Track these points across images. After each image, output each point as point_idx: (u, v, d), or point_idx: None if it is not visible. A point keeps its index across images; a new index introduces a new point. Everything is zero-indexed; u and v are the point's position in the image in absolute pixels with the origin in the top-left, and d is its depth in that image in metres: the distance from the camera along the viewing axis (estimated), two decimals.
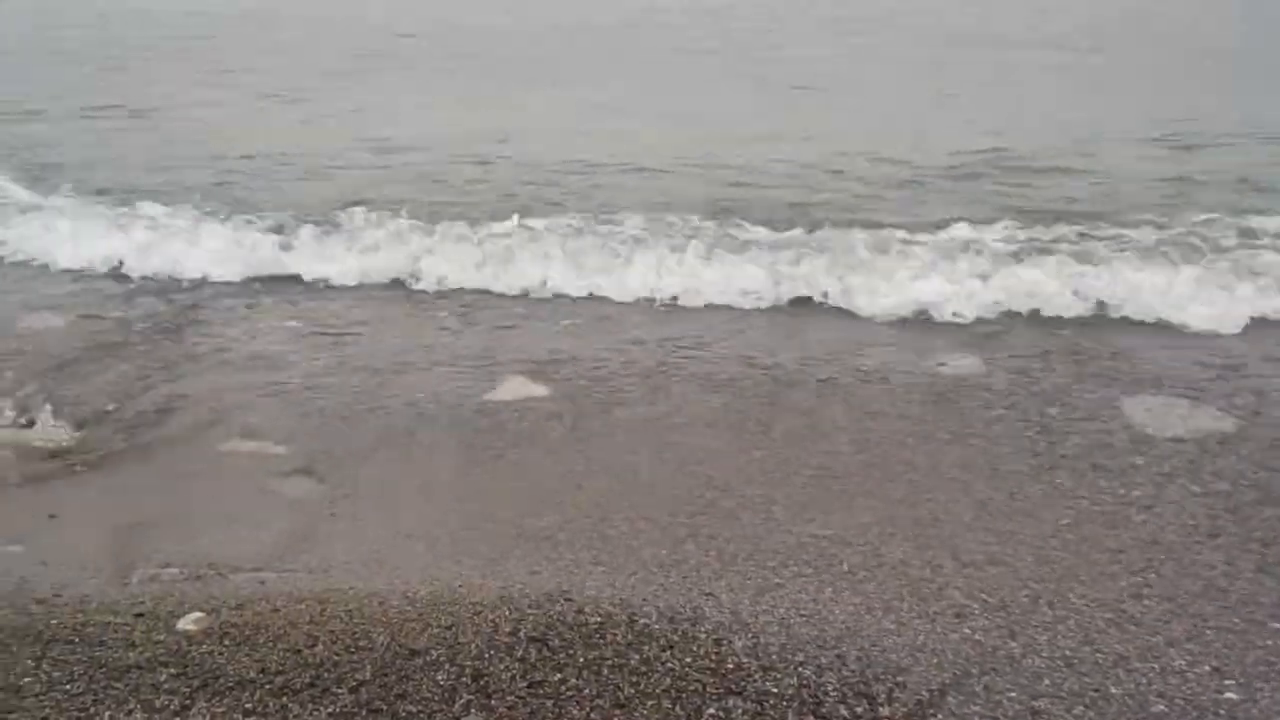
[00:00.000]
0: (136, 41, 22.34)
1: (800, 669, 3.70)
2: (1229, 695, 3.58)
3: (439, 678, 3.63)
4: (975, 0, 26.59)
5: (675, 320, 7.50)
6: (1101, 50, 19.35)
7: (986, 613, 4.06)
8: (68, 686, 3.60)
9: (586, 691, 3.56)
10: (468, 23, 24.66)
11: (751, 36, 21.71)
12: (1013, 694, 3.58)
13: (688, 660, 3.75)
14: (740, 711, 3.47)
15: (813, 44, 20.62)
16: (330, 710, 3.46)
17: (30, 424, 5.88)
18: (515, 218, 9.10)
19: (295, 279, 8.30)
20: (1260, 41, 20.74)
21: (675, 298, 7.71)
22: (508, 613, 4.04)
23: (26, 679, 3.64)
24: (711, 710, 3.48)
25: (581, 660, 3.73)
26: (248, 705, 3.49)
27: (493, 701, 3.51)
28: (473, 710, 3.47)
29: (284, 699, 3.52)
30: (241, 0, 28.74)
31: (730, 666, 3.71)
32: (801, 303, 7.78)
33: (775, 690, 3.59)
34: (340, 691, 3.56)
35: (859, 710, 3.49)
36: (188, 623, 3.98)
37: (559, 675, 3.65)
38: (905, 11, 24.37)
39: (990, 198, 10.17)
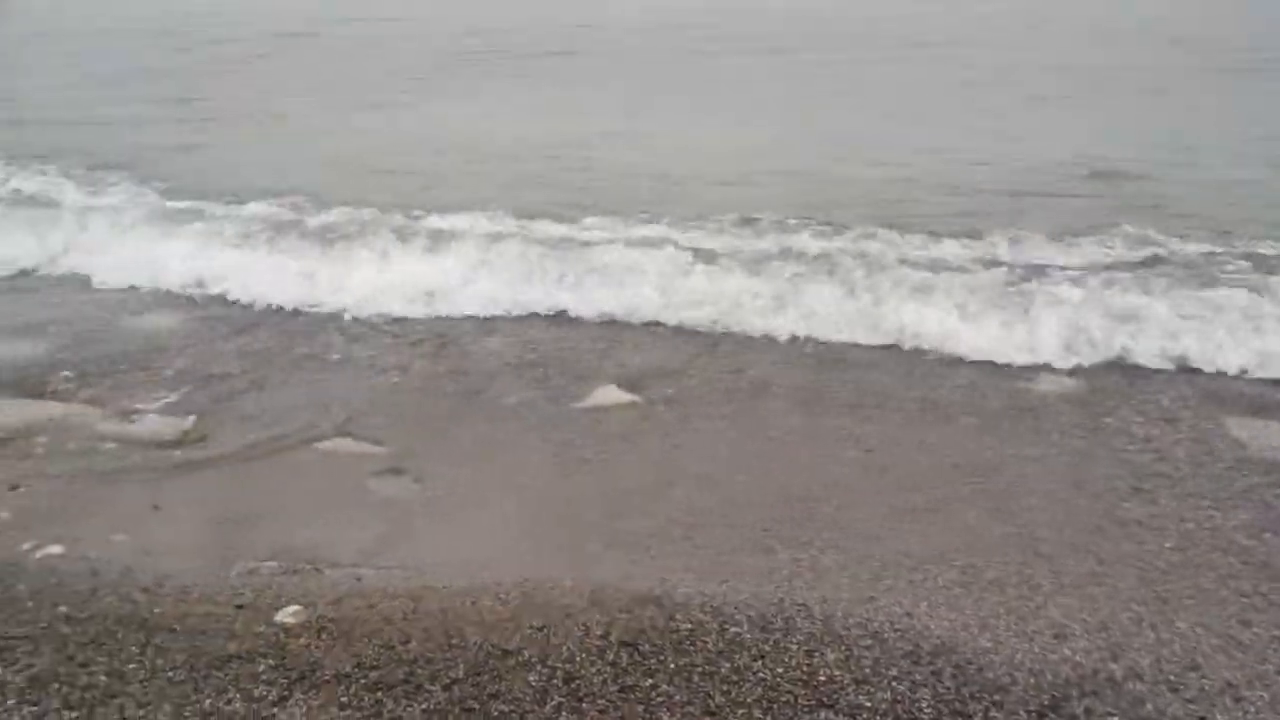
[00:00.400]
0: (220, 49, 22.83)
1: (894, 684, 3.65)
2: None
3: (531, 678, 3.65)
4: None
5: (766, 338, 7.39)
6: (1189, 59, 18.80)
7: (1087, 634, 3.97)
8: (170, 674, 3.68)
9: (677, 698, 3.55)
10: (553, 23, 24.85)
11: (834, 40, 21.54)
12: (1114, 718, 3.50)
13: (779, 671, 3.71)
14: None
15: (889, 50, 20.36)
16: (424, 707, 3.50)
17: (136, 418, 6.04)
18: (605, 231, 9.06)
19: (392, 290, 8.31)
20: None
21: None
22: (599, 616, 4.04)
23: (131, 665, 3.73)
24: None
25: (672, 666, 3.72)
26: (343, 699, 3.54)
27: (584, 704, 3.51)
28: (564, 712, 3.48)
29: (378, 694, 3.56)
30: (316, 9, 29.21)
31: (822, 679, 3.67)
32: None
33: (868, 704, 3.55)
34: (433, 689, 3.59)
35: None
36: (286, 615, 4.05)
37: (650, 680, 3.64)
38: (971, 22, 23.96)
39: (1093, 211, 9.84)
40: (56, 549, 4.63)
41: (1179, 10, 25.41)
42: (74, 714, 3.47)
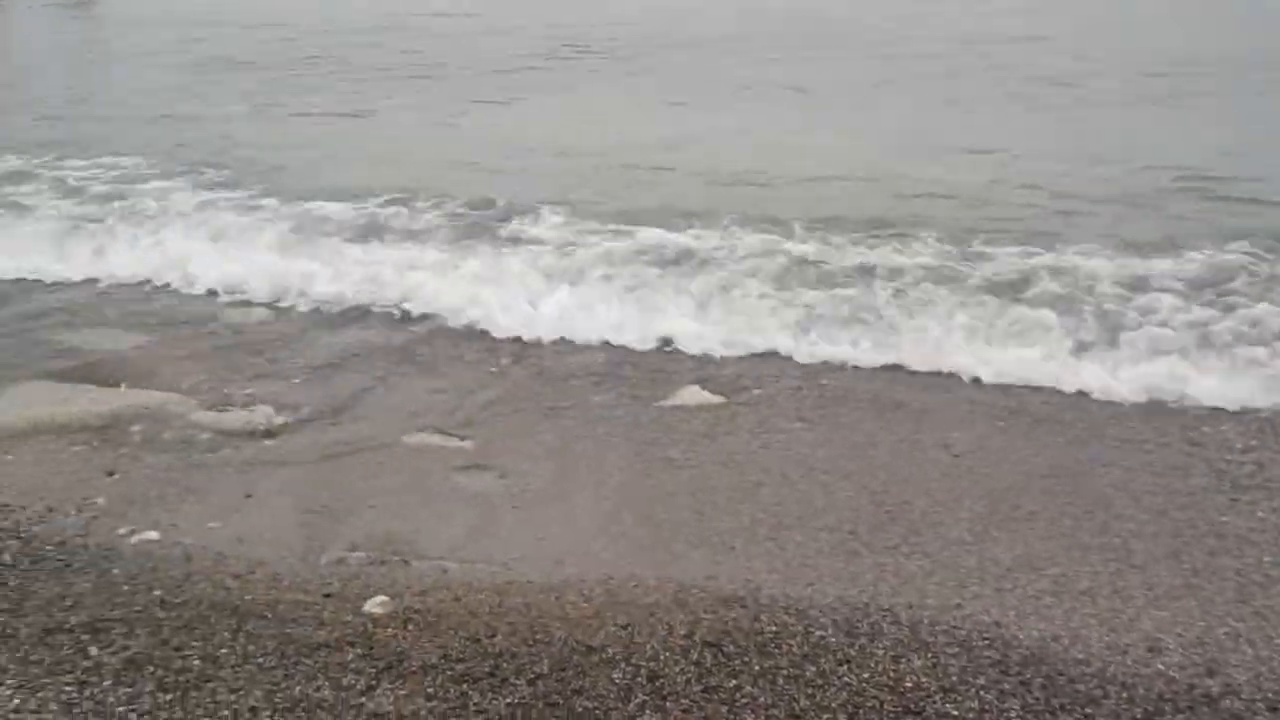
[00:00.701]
0: (307, 42, 23.02)
1: (982, 693, 3.60)
2: None
3: (615, 676, 3.65)
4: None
5: (852, 352, 7.22)
6: (1230, 58, 18.10)
7: (1182, 648, 3.88)
8: (261, 660, 3.74)
9: (762, 700, 3.53)
10: (649, 27, 24.82)
11: (885, 41, 21.21)
12: None
13: (865, 676, 3.68)
14: None
15: (938, 49, 19.95)
16: (509, 700, 3.52)
17: (229, 409, 6.17)
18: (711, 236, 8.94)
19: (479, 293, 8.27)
20: None
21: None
22: (683, 616, 4.04)
23: (223, 650, 3.80)
24: None
25: (757, 668, 3.70)
26: (429, 690, 3.57)
27: (667, 704, 3.51)
28: (648, 710, 3.48)
29: (464, 686, 3.59)
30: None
31: (909, 685, 3.63)
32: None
33: (955, 713, 3.50)
34: (518, 683, 3.61)
35: None
36: (373, 605, 4.10)
37: (734, 681, 3.63)
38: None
39: (1189, 219, 9.42)
40: (152, 534, 4.74)
41: (1189, 10, 24.67)
42: (168, 696, 3.54)
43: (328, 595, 4.22)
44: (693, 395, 6.33)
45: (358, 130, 14.45)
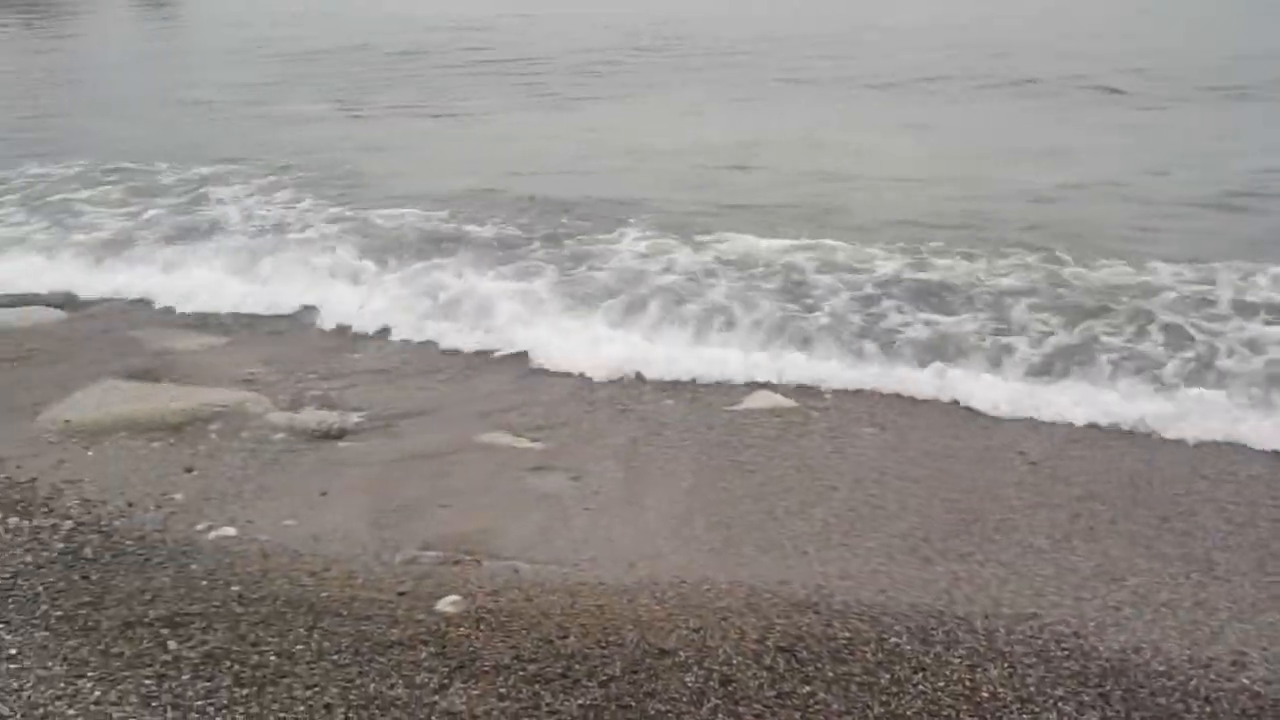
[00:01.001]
0: (390, 41, 23.24)
1: (1060, 704, 3.54)
2: None
3: (687, 679, 3.63)
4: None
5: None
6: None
7: (1266, 663, 3.79)
8: (336, 656, 3.77)
9: (835, 707, 3.50)
10: (717, 28, 24.78)
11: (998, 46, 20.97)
12: None
13: (940, 685, 3.63)
14: None
15: (1063, 49, 19.69)
16: (581, 702, 3.51)
17: (305, 409, 6.25)
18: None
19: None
20: None
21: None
22: (755, 620, 4.01)
23: (299, 646, 3.84)
24: None
25: (830, 675, 3.67)
26: (502, 689, 3.58)
27: (740, 708, 3.49)
28: (720, 715, 3.46)
29: (536, 687, 3.59)
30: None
31: (985, 695, 3.58)
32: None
33: None
34: (590, 684, 3.60)
35: None
36: (446, 604, 4.12)
37: (807, 688, 3.60)
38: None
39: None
40: (229, 530, 4.81)
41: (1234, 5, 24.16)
42: (245, 691, 3.58)
43: (401, 594, 4.24)
44: (764, 399, 6.30)
45: (437, 131, 14.57)
